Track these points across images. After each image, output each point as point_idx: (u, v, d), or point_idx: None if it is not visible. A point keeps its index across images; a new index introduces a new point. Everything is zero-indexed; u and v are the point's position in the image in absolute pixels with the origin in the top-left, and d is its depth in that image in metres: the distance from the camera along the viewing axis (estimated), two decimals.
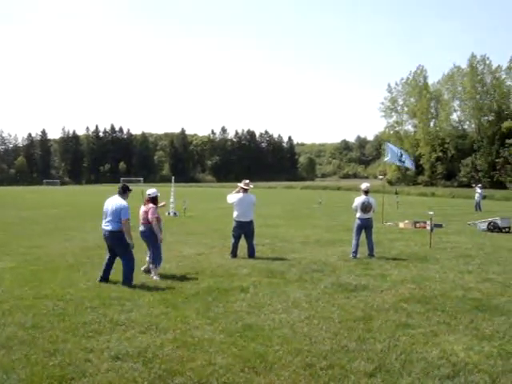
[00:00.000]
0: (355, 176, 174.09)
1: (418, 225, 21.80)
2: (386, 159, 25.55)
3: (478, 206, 32.33)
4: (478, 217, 25.44)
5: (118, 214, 9.52)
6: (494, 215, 24.28)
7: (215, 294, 8.71)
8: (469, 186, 71.75)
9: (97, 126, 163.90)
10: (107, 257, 9.97)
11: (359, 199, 12.91)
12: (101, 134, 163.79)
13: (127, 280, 9.59)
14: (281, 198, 33.34)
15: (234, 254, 12.65)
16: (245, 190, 12.86)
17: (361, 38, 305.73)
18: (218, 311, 7.59)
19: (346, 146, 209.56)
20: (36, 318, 7.19)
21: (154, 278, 10.16)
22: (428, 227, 20.66)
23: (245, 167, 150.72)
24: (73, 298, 8.39)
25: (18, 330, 6.63)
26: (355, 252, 12.75)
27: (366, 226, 12.89)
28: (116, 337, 6.34)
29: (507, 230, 19.66)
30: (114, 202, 9.72)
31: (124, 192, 9.91)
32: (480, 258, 12.75)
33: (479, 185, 35.61)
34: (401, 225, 21.97)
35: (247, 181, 13.16)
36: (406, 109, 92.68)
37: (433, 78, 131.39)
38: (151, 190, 10.95)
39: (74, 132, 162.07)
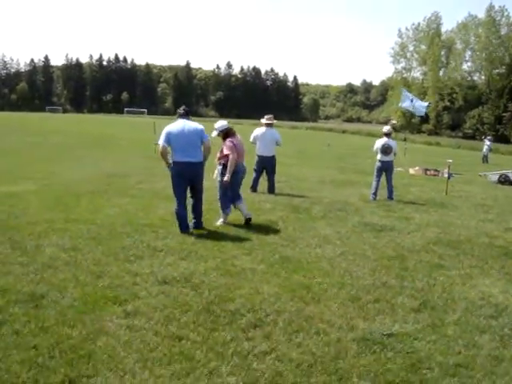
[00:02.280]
0: (359, 120, 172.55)
1: (428, 172, 21.90)
2: (400, 104, 25.35)
3: (485, 159, 32.34)
4: (485, 169, 25.52)
5: (199, 139, 8.00)
6: (501, 168, 24.36)
7: (244, 225, 8.81)
8: (473, 137, 71.61)
9: (101, 55, 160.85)
10: (179, 201, 8.15)
11: (380, 141, 12.91)
12: (104, 63, 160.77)
13: (201, 219, 8.47)
14: (288, 137, 33.02)
15: (254, 188, 12.69)
16: (268, 125, 12.80)
17: None
18: (253, 243, 7.69)
19: (350, 90, 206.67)
20: (73, 241, 7.28)
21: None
22: (440, 175, 20.90)
23: (249, 104, 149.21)
24: (104, 224, 8.46)
25: (58, 252, 6.72)
26: (375, 194, 12.84)
27: (386, 169, 12.91)
28: (158, 262, 6.44)
29: None
30: (188, 126, 8.01)
31: (189, 114, 8.27)
32: (497, 208, 12.83)
33: (488, 137, 35.48)
34: (411, 171, 22.01)
35: (270, 115, 13.08)
36: (415, 55, 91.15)
37: (445, 27, 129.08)
38: (222, 122, 9.08)
39: (77, 60, 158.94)
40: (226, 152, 8.71)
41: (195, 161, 7.97)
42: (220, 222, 8.90)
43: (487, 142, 33.03)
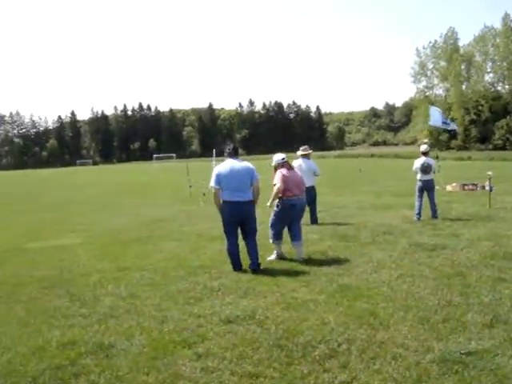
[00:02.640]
0: (385, 143, 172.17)
1: (466, 187, 21.63)
2: (430, 122, 25.21)
3: None
4: None
5: (248, 179, 8.00)
6: None
7: (295, 258, 8.77)
8: (504, 148, 70.65)
9: (125, 105, 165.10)
10: (231, 241, 8.19)
11: (419, 161, 12.88)
12: (129, 113, 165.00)
13: (258, 260, 8.19)
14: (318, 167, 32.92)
15: None
16: (304, 156, 12.83)
17: (386, 4, 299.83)
18: (308, 274, 7.65)
19: (374, 114, 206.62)
20: (129, 289, 7.35)
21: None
22: (479, 189, 20.62)
23: (274, 139, 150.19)
24: (156, 269, 8.54)
25: (117, 300, 6.79)
26: (419, 214, 12.72)
27: (427, 188, 12.84)
28: (218, 302, 6.44)
29: None
30: (237, 165, 8.05)
31: (237, 153, 8.32)
32: None
33: None
34: (448, 187, 21.77)
35: (306, 146, 13.13)
36: (436, 73, 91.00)
37: (462, 41, 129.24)
38: (278, 156, 9.00)
39: (102, 112, 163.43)
40: (274, 182, 8.64)
41: (245, 200, 7.98)
42: (273, 256, 8.77)
43: None
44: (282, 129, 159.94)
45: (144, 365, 4.62)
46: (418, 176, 12.85)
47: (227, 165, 8.09)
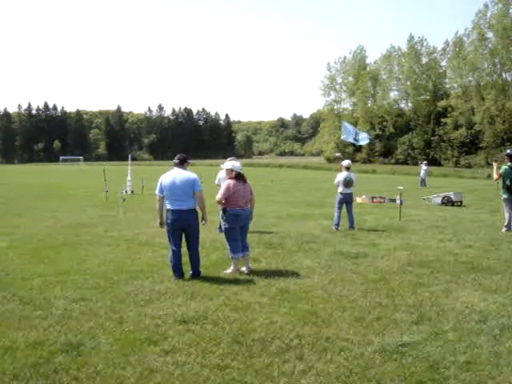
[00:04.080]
0: (292, 153, 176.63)
1: (375, 199, 23.06)
2: (342, 137, 26.52)
3: (423, 182, 34.06)
4: (424, 192, 27.02)
5: (190, 188, 8.29)
6: (438, 190, 25.97)
7: (224, 265, 9.28)
8: (405, 163, 74.79)
9: (29, 104, 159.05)
10: (174, 248, 8.44)
11: (341, 175, 13.80)
12: (34, 112, 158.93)
13: (199, 268, 8.57)
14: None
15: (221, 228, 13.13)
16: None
17: (300, 16, 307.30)
18: (247, 279, 8.28)
19: (282, 124, 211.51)
20: (77, 292, 7.60)
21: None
22: (386, 201, 22.10)
23: (182, 145, 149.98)
24: (96, 273, 8.81)
25: (70, 303, 7.04)
26: (337, 224, 13.68)
27: (347, 201, 13.82)
28: (168, 304, 6.91)
29: (459, 203, 21.10)
30: (180, 174, 8.37)
31: (184, 162, 8.57)
32: (450, 228, 13.93)
33: (425, 162, 37.49)
34: (358, 200, 22.99)
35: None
36: (344, 87, 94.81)
37: (371, 58, 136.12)
38: (235, 163, 9.29)
39: (5, 110, 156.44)
40: (220, 192, 8.87)
41: (185, 208, 8.28)
42: (231, 270, 8.82)
43: (424, 167, 34.84)
44: (190, 135, 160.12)
45: (118, 361, 5.03)
46: (340, 189, 13.79)
47: (171, 174, 8.43)
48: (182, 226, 8.41)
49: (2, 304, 7.11)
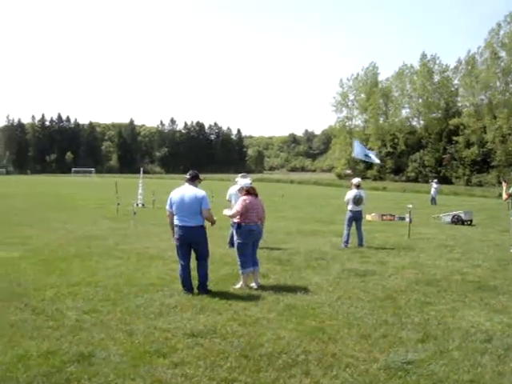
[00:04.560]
0: (303, 169, 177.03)
1: (384, 217, 23.10)
2: (353, 155, 26.68)
3: (433, 200, 34.02)
4: (434, 210, 26.98)
5: (198, 206, 8.36)
6: (449, 209, 25.96)
7: (234, 280, 9.41)
8: (416, 180, 74.71)
9: (43, 115, 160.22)
10: (182, 263, 8.58)
11: (351, 193, 13.90)
12: (47, 123, 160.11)
13: (206, 283, 8.63)
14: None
15: (232, 243, 13.24)
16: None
17: (313, 31, 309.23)
18: (255, 294, 8.40)
19: (293, 140, 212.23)
20: (88, 304, 7.76)
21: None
22: (396, 219, 22.15)
23: (194, 159, 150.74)
24: (107, 286, 8.96)
25: (81, 314, 7.20)
26: (346, 242, 13.76)
27: (356, 218, 13.91)
28: (178, 317, 7.04)
29: (469, 222, 21.10)
30: (188, 191, 8.48)
31: (195, 179, 8.70)
32: (459, 247, 13.97)
33: (435, 180, 37.47)
34: (368, 217, 23.05)
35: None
36: (356, 104, 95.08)
37: (383, 76, 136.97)
38: (245, 181, 9.77)
39: (19, 120, 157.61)
40: (235, 207, 9.11)
41: (193, 225, 8.35)
42: (240, 285, 8.93)
43: (434, 185, 34.81)
44: (202, 149, 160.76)
45: (127, 372, 5.16)
46: (350, 207, 13.89)
47: (181, 190, 8.57)
48: (189, 242, 8.52)
49: (14, 314, 7.27)
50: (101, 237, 15.52)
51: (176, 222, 8.49)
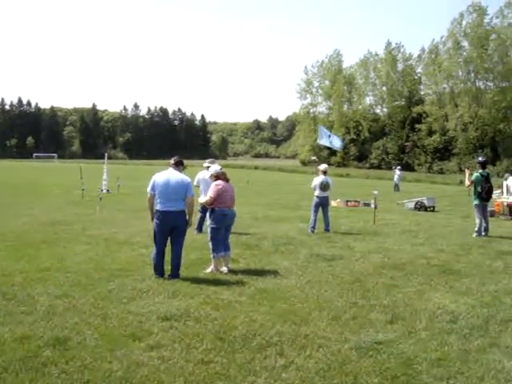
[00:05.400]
0: (267, 156, 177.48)
1: (349, 203, 23.45)
2: (318, 141, 26.89)
3: (396, 187, 34.65)
4: (398, 197, 27.51)
5: (182, 191, 8.39)
6: (412, 195, 26.46)
7: (203, 264, 9.52)
8: (379, 167, 75.76)
9: (2, 99, 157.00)
10: (158, 248, 8.56)
11: (318, 179, 14.09)
12: (7, 107, 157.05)
13: (178, 269, 8.64)
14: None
15: (200, 228, 13.34)
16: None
17: (279, 17, 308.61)
18: (224, 278, 8.53)
19: (257, 126, 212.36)
20: (59, 289, 7.72)
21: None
22: (360, 205, 22.52)
23: (157, 145, 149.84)
24: (77, 271, 8.92)
25: (53, 299, 7.16)
26: (313, 227, 13.97)
27: (323, 204, 14.12)
28: (150, 302, 7.08)
29: (432, 209, 21.57)
30: (174, 176, 8.46)
31: (179, 164, 8.68)
32: (423, 232, 14.32)
33: (398, 167, 38.13)
34: (333, 203, 23.26)
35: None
36: (320, 91, 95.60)
37: (347, 63, 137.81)
38: (216, 167, 9.85)
39: None
40: (208, 193, 9.18)
41: (176, 210, 8.36)
42: (210, 269, 9.02)
43: (397, 172, 35.44)
44: (165, 135, 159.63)
45: (104, 355, 5.20)
46: (316, 193, 14.07)
47: (165, 174, 8.52)
48: (171, 226, 8.50)
49: None
50: (67, 222, 15.39)
51: (158, 206, 8.44)
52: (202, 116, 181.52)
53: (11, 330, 5.90)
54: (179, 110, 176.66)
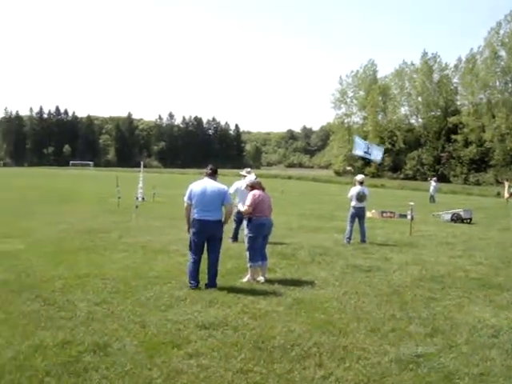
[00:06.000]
0: (300, 165, 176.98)
1: (384, 214, 23.20)
2: (353, 151, 26.68)
3: (432, 198, 34.21)
4: (433, 208, 27.14)
5: (220, 200, 8.42)
6: (447, 207, 26.06)
7: (240, 273, 9.53)
8: (414, 178, 74.90)
9: (41, 108, 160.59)
10: (194, 257, 8.52)
11: (355, 189, 14.02)
12: (45, 116, 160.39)
13: (215, 279, 8.58)
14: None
15: (235, 237, 13.36)
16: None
17: (313, 28, 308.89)
18: (261, 288, 8.54)
19: (291, 136, 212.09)
20: (98, 295, 7.83)
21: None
22: (396, 217, 22.27)
23: (191, 154, 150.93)
24: (116, 278, 9.02)
25: (92, 306, 7.27)
26: (349, 238, 13.89)
27: (359, 215, 14.04)
28: (188, 310, 7.12)
29: (469, 221, 21.25)
30: (210, 185, 8.46)
31: (215, 173, 8.69)
32: (460, 245, 14.13)
33: (434, 178, 37.62)
34: (368, 214, 23.05)
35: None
36: (355, 101, 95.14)
37: (382, 73, 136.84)
38: (251, 177, 9.87)
39: (17, 113, 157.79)
40: (246, 202, 9.14)
41: (213, 219, 8.35)
42: (247, 278, 9.03)
43: (433, 183, 35.01)
44: (200, 144, 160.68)
45: (144, 362, 5.26)
46: (353, 203, 14.00)
47: (202, 183, 8.52)
48: (208, 236, 8.49)
49: (26, 305, 7.35)
50: (103, 230, 15.58)
51: (195, 215, 8.44)
52: (236, 125, 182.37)
53: (52, 335, 6.02)
54: (213, 119, 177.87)
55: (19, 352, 5.51)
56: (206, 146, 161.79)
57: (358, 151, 25.38)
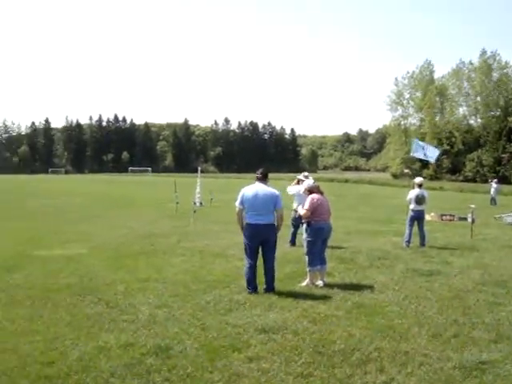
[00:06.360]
0: (356, 168, 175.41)
1: (444, 217, 22.69)
2: (412, 154, 26.25)
3: (493, 201, 33.24)
4: (494, 211, 26.34)
5: (272, 204, 8.39)
6: (510, 209, 25.25)
7: (298, 278, 9.52)
8: (474, 180, 72.88)
9: (100, 116, 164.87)
10: (250, 262, 8.51)
11: (413, 192, 13.79)
12: (104, 124, 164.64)
13: (273, 283, 8.59)
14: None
15: (292, 242, 13.37)
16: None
17: (367, 31, 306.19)
18: (320, 292, 8.51)
19: (347, 139, 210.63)
20: (159, 299, 8.00)
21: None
22: (456, 219, 21.75)
23: (247, 158, 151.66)
24: (175, 282, 9.20)
25: (153, 309, 7.43)
26: (408, 241, 13.66)
27: (418, 218, 13.79)
28: (248, 314, 7.18)
29: None
30: (262, 190, 8.44)
31: (265, 177, 8.63)
32: None
33: (495, 180, 36.54)
34: (427, 217, 22.55)
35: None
36: (411, 103, 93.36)
37: (439, 73, 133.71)
38: (309, 181, 10.05)
39: (77, 121, 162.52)
40: (305, 206, 9.13)
41: (266, 223, 8.35)
42: (306, 282, 9.00)
43: (494, 185, 34.03)
44: (255, 149, 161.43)
45: (205, 365, 5.34)
46: (412, 206, 13.78)
47: (253, 188, 8.50)
48: (261, 240, 8.49)
49: (90, 307, 7.60)
50: (162, 234, 15.89)
51: (248, 220, 8.46)
52: (292, 129, 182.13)
53: (116, 337, 6.19)
54: (269, 123, 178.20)
55: (84, 353, 5.70)
56: (262, 151, 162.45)
57: (417, 154, 24.98)
